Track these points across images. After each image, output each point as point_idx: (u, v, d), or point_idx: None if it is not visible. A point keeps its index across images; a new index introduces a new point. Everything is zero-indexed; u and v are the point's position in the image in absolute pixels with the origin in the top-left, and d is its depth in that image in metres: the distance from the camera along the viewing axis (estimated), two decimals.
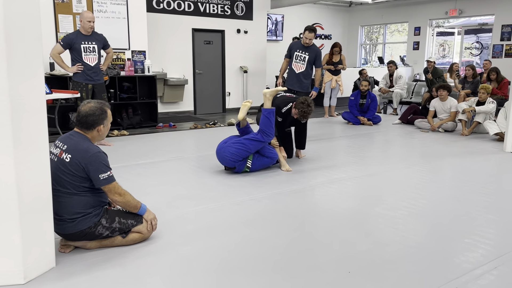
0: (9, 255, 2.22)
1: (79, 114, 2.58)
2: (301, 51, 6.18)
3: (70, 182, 2.50)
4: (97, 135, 2.64)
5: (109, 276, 2.36)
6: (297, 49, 6.21)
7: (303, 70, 6.17)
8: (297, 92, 6.13)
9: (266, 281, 2.33)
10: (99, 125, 2.60)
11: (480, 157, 5.37)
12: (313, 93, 6.25)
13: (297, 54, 6.20)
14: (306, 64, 6.15)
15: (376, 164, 4.98)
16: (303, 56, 6.15)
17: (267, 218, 3.25)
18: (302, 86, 6.22)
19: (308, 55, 6.12)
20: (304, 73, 6.19)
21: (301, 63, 6.18)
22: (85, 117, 2.57)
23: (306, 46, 6.14)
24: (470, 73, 8.46)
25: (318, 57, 6.16)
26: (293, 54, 6.24)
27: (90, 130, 2.60)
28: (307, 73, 6.21)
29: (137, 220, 2.71)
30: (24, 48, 2.16)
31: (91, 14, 5.55)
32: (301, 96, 5.96)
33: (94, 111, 2.58)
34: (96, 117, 2.58)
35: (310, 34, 6.01)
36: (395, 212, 3.38)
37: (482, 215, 3.33)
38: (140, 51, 7.82)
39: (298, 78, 6.22)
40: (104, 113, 2.62)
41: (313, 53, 6.13)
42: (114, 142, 6.12)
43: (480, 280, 2.36)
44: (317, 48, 6.22)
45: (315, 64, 6.19)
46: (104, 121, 2.63)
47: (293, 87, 6.22)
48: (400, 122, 8.00)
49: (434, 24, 12.64)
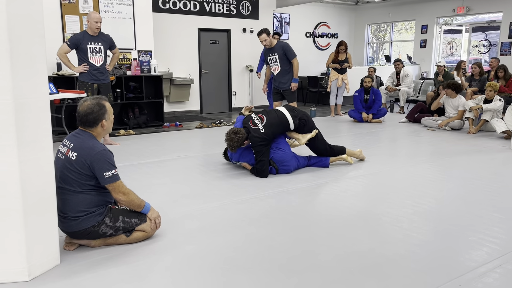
0: (13, 252, 2.24)
1: (79, 114, 2.59)
2: (270, 54, 6.39)
3: (75, 180, 2.52)
4: (102, 130, 2.65)
5: (113, 274, 2.37)
6: (267, 55, 6.44)
7: (280, 70, 6.34)
8: (284, 90, 6.41)
9: (270, 279, 2.33)
10: (101, 120, 2.61)
11: (487, 155, 5.33)
12: (292, 85, 6.35)
13: (269, 58, 6.42)
14: (279, 63, 6.29)
15: (382, 162, 4.96)
16: (274, 57, 6.33)
17: (271, 216, 3.25)
18: (286, 84, 6.38)
19: (276, 54, 6.27)
20: (282, 71, 6.34)
21: (275, 64, 6.36)
22: (85, 117, 2.57)
23: (271, 48, 6.29)
24: (477, 71, 8.39)
25: (287, 50, 6.25)
26: (267, 60, 6.49)
27: (93, 127, 2.61)
28: (284, 70, 6.32)
29: (141, 219, 2.73)
30: (28, 48, 2.18)
31: (98, 15, 5.59)
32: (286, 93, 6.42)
33: (92, 108, 2.58)
34: (96, 114, 2.58)
35: (261, 37, 6.16)
36: (400, 211, 3.36)
37: (487, 213, 3.31)
38: (146, 51, 7.86)
39: (279, 79, 6.43)
40: (103, 108, 2.61)
41: (280, 49, 6.25)
42: (120, 141, 6.16)
43: (484, 278, 2.34)
44: (282, 43, 6.34)
45: (288, 57, 6.26)
46: (105, 115, 2.62)
47: (279, 87, 6.49)
48: (407, 120, 7.96)
49: (442, 22, 12.54)
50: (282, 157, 4.32)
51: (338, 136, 6.66)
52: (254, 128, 4.27)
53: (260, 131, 4.24)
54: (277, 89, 6.51)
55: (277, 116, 4.43)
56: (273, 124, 4.32)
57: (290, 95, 6.43)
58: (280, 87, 6.45)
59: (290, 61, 6.28)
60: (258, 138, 4.20)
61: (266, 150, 4.25)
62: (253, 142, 4.23)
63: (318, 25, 13.13)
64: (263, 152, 4.22)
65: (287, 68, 6.30)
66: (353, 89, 9.66)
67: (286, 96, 6.48)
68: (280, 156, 4.32)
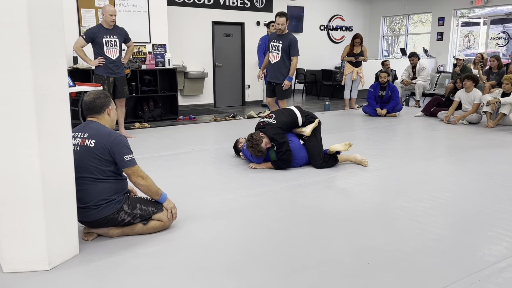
0: (34, 242, 2.28)
1: (86, 103, 2.71)
2: (275, 40, 5.89)
3: (96, 167, 2.57)
4: (109, 119, 2.75)
5: (130, 263, 2.40)
6: (272, 40, 5.95)
7: (278, 60, 5.86)
8: (276, 84, 5.96)
9: (288, 272, 2.33)
10: (107, 107, 2.72)
11: (505, 149, 5.24)
12: (285, 82, 5.87)
13: (272, 44, 5.93)
14: (280, 53, 5.81)
15: (397, 156, 4.92)
16: (277, 45, 5.86)
17: (286, 209, 3.25)
18: (279, 78, 5.92)
19: (281, 43, 5.81)
20: (280, 63, 5.86)
21: (275, 52, 5.87)
22: (92, 102, 2.68)
23: (280, 35, 5.85)
24: (495, 64, 8.24)
25: (293, 45, 5.80)
26: (269, 46, 5.99)
27: (100, 113, 2.71)
28: (283, 63, 5.86)
29: (157, 207, 2.76)
30: (47, 40, 2.20)
31: (113, 8, 5.62)
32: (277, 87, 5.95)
33: (99, 95, 2.71)
34: (102, 99, 2.70)
35: (280, 19, 5.73)
36: (416, 205, 3.33)
37: (506, 208, 3.26)
38: (161, 44, 7.89)
39: (274, 69, 5.93)
40: (108, 97, 2.75)
41: (287, 41, 5.79)
42: (135, 134, 6.21)
43: (503, 273, 2.31)
44: (291, 36, 5.87)
45: (290, 52, 5.83)
46: (110, 104, 2.75)
47: (272, 79, 6.00)
48: (423, 114, 7.86)
49: (459, 14, 12.33)
50: (293, 146, 4.32)
51: (353, 130, 6.62)
52: (266, 122, 4.33)
53: (272, 122, 4.29)
54: (270, 83, 6.07)
55: (285, 111, 4.48)
56: (282, 116, 4.38)
57: (280, 92, 5.96)
58: (273, 80, 5.99)
59: (290, 57, 5.87)
60: (273, 129, 4.21)
61: (287, 140, 4.23)
62: (271, 134, 4.20)
63: (332, 18, 13.02)
64: (284, 142, 4.19)
65: (286, 62, 5.89)
66: (367, 83, 9.58)
67: (276, 91, 6.01)
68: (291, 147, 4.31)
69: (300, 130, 4.43)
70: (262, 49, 7.58)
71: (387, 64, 9.86)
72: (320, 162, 4.31)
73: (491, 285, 2.20)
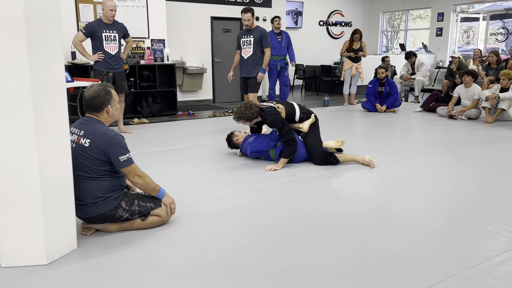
0: (32, 236, 2.28)
1: (85, 99, 2.63)
2: (245, 36, 5.93)
3: (90, 167, 2.54)
4: (108, 117, 2.67)
5: (128, 258, 2.40)
6: (242, 36, 5.98)
7: (251, 54, 5.88)
8: (250, 78, 5.96)
9: (285, 265, 2.34)
10: (106, 106, 2.63)
11: (504, 145, 5.24)
12: (259, 74, 5.94)
13: (243, 40, 5.96)
14: (252, 46, 5.85)
15: (396, 151, 4.92)
16: (248, 40, 5.89)
17: (284, 204, 3.25)
18: (254, 71, 5.94)
19: (252, 37, 5.85)
20: (253, 56, 5.89)
21: (248, 47, 5.90)
22: (91, 101, 2.61)
23: (249, 30, 5.90)
24: (494, 59, 8.23)
25: (264, 37, 5.87)
26: (240, 43, 6.00)
27: (99, 112, 2.64)
28: (256, 56, 5.90)
29: (156, 203, 2.75)
30: (44, 34, 2.19)
31: (113, 3, 5.60)
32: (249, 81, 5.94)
33: (98, 93, 2.61)
34: (101, 98, 2.61)
35: (246, 15, 5.76)
36: (415, 200, 3.34)
37: (504, 203, 3.26)
38: (160, 39, 7.87)
39: (248, 64, 5.93)
40: (109, 94, 2.64)
41: (258, 34, 5.85)
42: (134, 130, 6.20)
43: (501, 267, 2.31)
44: (261, 29, 5.94)
45: (262, 44, 5.89)
46: (110, 101, 2.65)
47: (246, 74, 5.98)
48: (422, 110, 7.85)
49: (458, 9, 12.30)
50: None
51: (352, 126, 6.62)
52: (266, 105, 4.33)
53: (273, 105, 4.30)
54: (244, 78, 6.06)
55: (286, 103, 4.46)
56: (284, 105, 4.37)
57: (253, 85, 5.98)
58: (248, 75, 5.99)
59: (262, 50, 5.92)
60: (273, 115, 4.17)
61: (290, 128, 4.20)
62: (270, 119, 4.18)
63: (331, 14, 12.99)
64: (288, 130, 4.16)
65: (260, 55, 5.93)
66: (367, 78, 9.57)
67: (249, 84, 6.01)
68: None
69: (297, 126, 4.39)
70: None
71: (387, 60, 9.84)
72: (319, 160, 4.29)
73: (489, 279, 2.20)
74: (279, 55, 7.52)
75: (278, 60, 7.49)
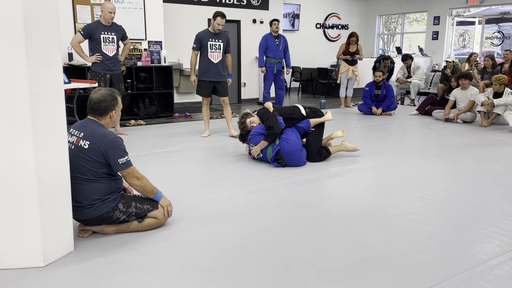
0: (29, 239, 2.29)
1: (91, 101, 2.63)
2: (213, 39, 5.82)
3: (89, 169, 2.55)
4: (109, 121, 2.69)
5: (125, 260, 2.41)
6: (209, 39, 5.85)
7: (221, 58, 5.89)
8: (220, 82, 5.91)
9: (282, 267, 2.35)
10: (111, 111, 2.66)
11: (498, 148, 5.28)
12: (229, 80, 6.02)
13: (211, 43, 5.86)
14: (222, 51, 5.89)
15: (392, 154, 4.94)
16: (218, 44, 5.87)
17: (281, 207, 3.27)
18: (222, 76, 5.95)
19: (221, 42, 5.88)
20: (223, 61, 5.94)
21: (217, 51, 5.86)
22: (97, 104, 2.62)
23: (217, 34, 5.87)
24: (490, 63, 8.29)
25: (229, 42, 6.00)
26: (205, 45, 5.86)
27: (103, 116, 2.65)
28: (225, 60, 5.99)
29: (153, 205, 2.77)
30: (43, 37, 2.20)
31: (112, 5, 5.60)
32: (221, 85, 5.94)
33: (106, 97, 2.63)
34: (108, 103, 2.63)
35: (223, 20, 5.76)
36: (410, 203, 3.36)
37: (498, 206, 3.29)
38: (157, 41, 7.87)
39: (218, 68, 5.89)
40: (115, 99, 2.67)
41: (225, 39, 5.93)
42: (131, 131, 6.20)
43: (495, 270, 2.34)
44: (226, 34, 6.03)
45: (226, 49, 5.96)
46: (116, 107, 2.68)
47: (213, 78, 5.87)
48: (418, 113, 7.90)
49: (454, 13, 12.38)
50: (292, 147, 4.31)
51: (348, 129, 6.64)
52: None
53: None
54: (211, 82, 5.89)
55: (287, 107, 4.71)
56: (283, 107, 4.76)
57: (224, 88, 5.98)
58: (219, 79, 5.91)
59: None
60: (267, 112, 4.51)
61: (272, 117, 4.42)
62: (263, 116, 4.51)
63: (328, 16, 13.03)
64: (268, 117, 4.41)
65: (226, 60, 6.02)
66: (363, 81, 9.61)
67: (220, 88, 5.93)
68: (289, 148, 4.31)
69: (325, 119, 4.70)
70: (263, 47, 7.65)
71: (386, 63, 9.84)
72: (314, 155, 4.58)
73: (483, 282, 2.22)
74: (276, 58, 7.55)
75: (275, 63, 7.52)
